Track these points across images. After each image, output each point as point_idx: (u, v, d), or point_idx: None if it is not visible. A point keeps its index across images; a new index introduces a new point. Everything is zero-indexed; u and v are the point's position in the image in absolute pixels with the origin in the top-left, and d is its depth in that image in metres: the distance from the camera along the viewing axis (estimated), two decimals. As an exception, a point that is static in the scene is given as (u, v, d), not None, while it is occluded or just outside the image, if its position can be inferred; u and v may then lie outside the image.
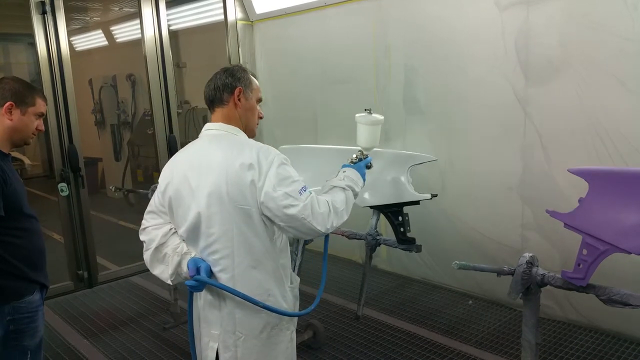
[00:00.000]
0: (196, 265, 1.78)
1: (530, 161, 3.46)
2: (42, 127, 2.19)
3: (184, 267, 1.81)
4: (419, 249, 2.66)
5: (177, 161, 1.93)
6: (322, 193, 1.94)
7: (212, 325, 1.87)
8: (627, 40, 2.92)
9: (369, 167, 2.20)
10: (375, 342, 3.35)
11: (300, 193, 1.78)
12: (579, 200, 1.85)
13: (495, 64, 3.52)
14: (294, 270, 3.09)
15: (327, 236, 2.21)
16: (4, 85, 2.07)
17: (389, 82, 4.24)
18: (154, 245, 1.88)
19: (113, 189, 7.03)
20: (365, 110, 2.32)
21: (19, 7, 4.24)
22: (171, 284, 1.92)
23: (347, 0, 4.40)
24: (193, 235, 1.83)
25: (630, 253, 1.73)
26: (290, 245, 3.16)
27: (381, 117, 2.32)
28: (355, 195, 2.01)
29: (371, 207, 2.76)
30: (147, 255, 1.91)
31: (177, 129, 4.94)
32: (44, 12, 4.06)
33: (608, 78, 3.02)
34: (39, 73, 4.16)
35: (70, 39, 4.51)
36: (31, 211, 2.13)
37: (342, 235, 3.01)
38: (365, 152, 2.25)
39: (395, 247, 2.75)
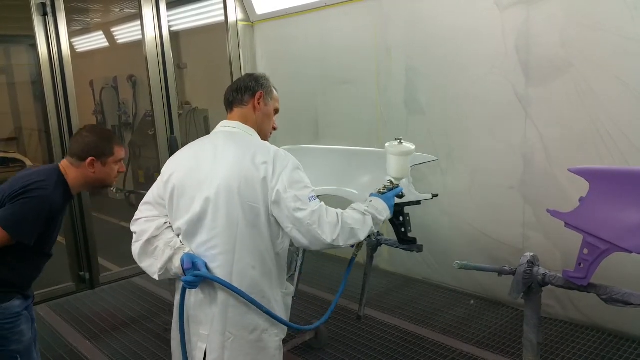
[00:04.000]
0: (192, 260, 1.75)
1: (531, 160, 3.46)
2: (123, 169, 2.29)
3: (176, 262, 1.78)
4: (420, 249, 2.65)
5: (185, 153, 1.93)
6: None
7: (201, 325, 1.83)
8: (627, 39, 2.92)
9: (400, 196, 2.13)
10: (377, 342, 3.35)
11: (309, 199, 1.77)
12: (580, 200, 1.85)
13: (496, 64, 3.52)
14: (295, 271, 3.10)
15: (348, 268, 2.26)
16: (84, 139, 2.18)
17: (389, 82, 4.24)
18: (145, 237, 1.84)
19: (114, 190, 7.01)
20: (396, 139, 2.20)
21: (20, 9, 4.24)
22: (157, 279, 1.86)
23: (348, 1, 4.41)
24: (194, 227, 1.79)
25: (631, 252, 1.73)
26: (290, 246, 3.16)
27: (412, 147, 2.18)
28: (377, 222, 1.95)
29: (372, 207, 2.76)
30: (136, 247, 1.87)
31: (178, 130, 4.94)
32: (44, 14, 4.06)
33: (609, 77, 3.02)
34: (40, 74, 4.16)
35: (71, 40, 4.51)
36: (50, 250, 2.21)
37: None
38: (395, 182, 2.16)
39: (397, 247, 2.75)
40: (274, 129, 2.03)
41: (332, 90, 4.73)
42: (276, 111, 2.04)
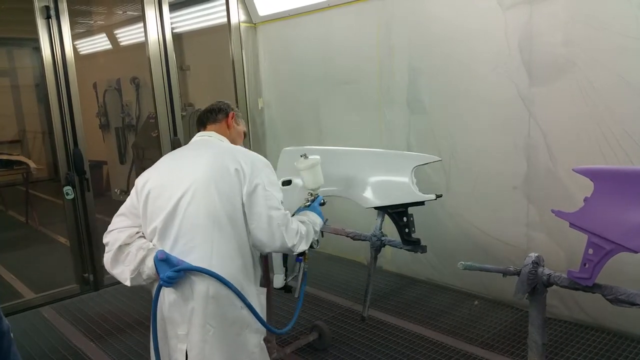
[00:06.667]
0: (165, 255, 1.77)
1: (535, 160, 3.45)
2: None
3: (148, 263, 1.81)
4: (424, 249, 2.65)
5: (161, 162, 2.02)
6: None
7: (178, 326, 1.84)
8: (631, 38, 2.91)
9: (322, 203, 2.38)
10: (380, 343, 3.35)
11: (281, 203, 1.91)
12: (585, 200, 1.84)
13: (499, 64, 3.51)
14: (299, 271, 3.10)
15: (304, 279, 2.49)
16: None
17: (392, 82, 4.24)
18: (117, 245, 1.87)
19: (118, 192, 7.05)
20: (301, 156, 2.44)
21: (24, 12, 4.27)
22: (129, 284, 1.88)
23: (351, 1, 4.41)
24: (171, 222, 1.81)
25: (636, 252, 1.72)
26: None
27: (317, 158, 2.44)
28: (315, 232, 2.16)
29: (376, 208, 2.76)
30: (108, 256, 1.90)
31: (182, 132, 4.95)
32: (48, 17, 4.08)
33: (612, 77, 3.01)
34: (43, 77, 4.18)
35: (75, 42, 4.52)
36: None
37: (347, 236, 3.01)
38: (314, 193, 2.42)
39: (400, 248, 2.74)
40: None
41: (335, 91, 4.73)
42: (245, 134, 2.22)
